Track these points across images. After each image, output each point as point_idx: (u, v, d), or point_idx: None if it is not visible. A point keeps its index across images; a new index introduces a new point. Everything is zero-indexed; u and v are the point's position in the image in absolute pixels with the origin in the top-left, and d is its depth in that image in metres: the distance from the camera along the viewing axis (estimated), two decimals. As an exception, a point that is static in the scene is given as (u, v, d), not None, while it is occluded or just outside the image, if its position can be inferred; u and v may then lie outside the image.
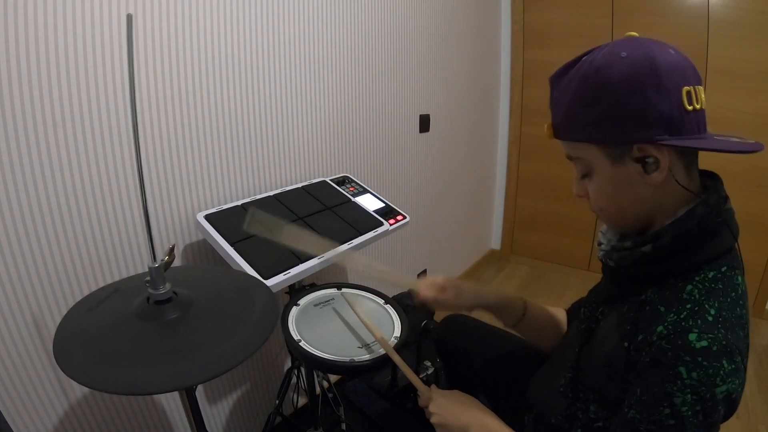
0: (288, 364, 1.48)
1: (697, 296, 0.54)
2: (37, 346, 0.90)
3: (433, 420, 0.74)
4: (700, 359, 0.49)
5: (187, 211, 1.11)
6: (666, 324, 0.53)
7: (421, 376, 1.57)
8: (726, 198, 0.60)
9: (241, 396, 1.36)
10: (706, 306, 0.53)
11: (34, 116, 0.82)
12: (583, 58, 0.58)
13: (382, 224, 1.21)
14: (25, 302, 0.87)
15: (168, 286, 0.68)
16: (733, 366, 0.50)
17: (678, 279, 0.57)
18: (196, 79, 1.07)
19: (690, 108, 0.53)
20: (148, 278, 0.66)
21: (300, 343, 0.86)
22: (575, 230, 2.56)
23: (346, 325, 0.94)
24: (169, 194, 1.07)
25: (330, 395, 1.32)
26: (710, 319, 0.52)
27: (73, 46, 0.85)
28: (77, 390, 0.98)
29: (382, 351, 0.85)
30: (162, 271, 0.67)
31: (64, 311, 0.69)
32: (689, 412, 0.49)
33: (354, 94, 1.54)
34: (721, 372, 0.49)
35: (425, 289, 0.88)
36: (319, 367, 1.09)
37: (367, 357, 0.85)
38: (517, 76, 2.57)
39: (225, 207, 1.09)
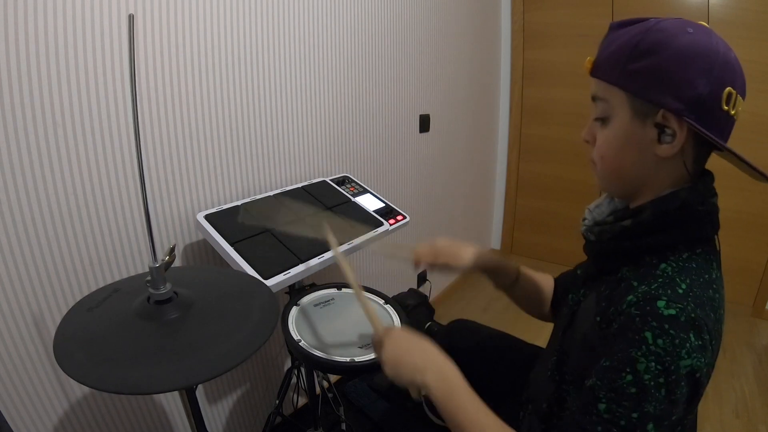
0: (288, 364, 1.49)
1: (670, 272, 0.55)
2: (37, 346, 0.90)
3: (385, 358, 0.67)
4: (666, 326, 0.49)
5: (187, 211, 1.11)
6: (636, 293, 0.53)
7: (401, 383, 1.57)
8: (714, 193, 0.61)
9: (241, 396, 1.36)
10: (678, 280, 0.53)
11: (34, 116, 0.82)
12: (652, 19, 0.58)
13: (382, 224, 1.21)
14: (25, 302, 0.87)
15: (168, 286, 0.68)
16: (699, 342, 0.50)
17: (653, 257, 0.57)
18: (196, 80, 1.07)
19: (725, 108, 0.53)
20: (148, 278, 0.67)
21: (300, 343, 0.86)
22: (575, 230, 2.54)
23: (346, 325, 0.94)
24: (170, 194, 1.07)
25: (330, 395, 1.32)
26: (680, 291, 0.52)
27: (73, 46, 0.85)
28: (77, 390, 0.98)
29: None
30: (162, 271, 0.67)
31: (65, 311, 0.69)
32: (651, 382, 0.49)
33: (354, 94, 1.54)
34: (687, 345, 0.49)
35: (425, 257, 0.88)
36: (319, 367, 1.09)
37: (367, 357, 0.85)
38: (517, 76, 2.57)
39: (225, 207, 1.09)
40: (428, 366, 0.65)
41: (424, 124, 1.96)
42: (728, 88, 0.53)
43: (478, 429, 0.60)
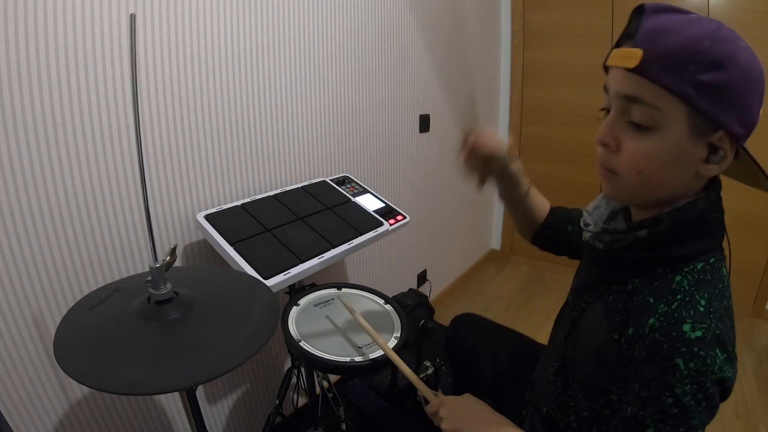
0: (288, 364, 1.49)
1: (687, 287, 0.54)
2: (38, 346, 0.90)
3: (445, 426, 0.72)
4: (696, 349, 0.49)
5: (187, 211, 1.11)
6: (658, 316, 0.53)
7: (420, 376, 1.57)
8: (721, 198, 0.61)
9: (241, 396, 1.36)
10: (697, 296, 0.53)
11: (34, 116, 0.82)
12: (694, 14, 0.52)
13: (382, 224, 1.21)
14: (26, 303, 0.87)
15: (169, 286, 0.68)
16: (725, 355, 0.50)
17: (667, 269, 0.56)
18: (196, 79, 1.07)
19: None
20: (149, 278, 0.66)
21: (300, 343, 0.86)
22: (575, 230, 2.55)
23: (346, 325, 0.94)
24: (170, 194, 1.07)
25: (330, 395, 1.32)
26: (702, 309, 0.52)
27: (73, 46, 0.85)
28: (77, 390, 0.98)
29: (381, 351, 0.85)
30: (163, 271, 0.67)
31: (65, 311, 0.69)
32: (692, 402, 0.50)
33: (354, 94, 1.54)
34: (717, 361, 0.49)
35: (470, 140, 0.88)
36: (319, 367, 1.09)
37: (367, 357, 0.85)
38: (517, 76, 2.57)
39: (225, 207, 1.09)
40: (486, 429, 0.68)
41: (424, 124, 1.96)
42: (762, 108, 0.52)
43: None
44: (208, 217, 1.04)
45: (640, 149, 0.54)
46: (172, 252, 0.68)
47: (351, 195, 1.31)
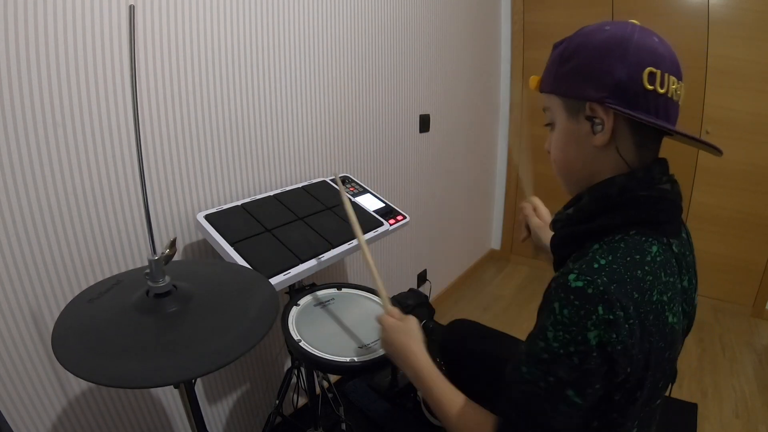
0: (288, 364, 1.48)
1: (597, 249, 0.57)
2: (36, 344, 0.90)
3: (381, 344, 0.82)
4: (572, 297, 0.52)
5: (187, 211, 1.11)
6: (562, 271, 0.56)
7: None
8: (667, 180, 0.61)
9: (241, 396, 1.36)
10: (597, 257, 0.55)
11: (34, 116, 0.82)
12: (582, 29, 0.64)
13: (382, 224, 1.21)
14: (25, 302, 0.87)
15: (167, 279, 0.67)
16: (610, 317, 0.50)
17: (594, 242, 0.59)
18: (196, 79, 1.07)
19: (650, 88, 0.55)
20: (147, 271, 0.66)
21: (300, 343, 0.86)
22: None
23: (346, 325, 0.95)
24: (170, 194, 1.07)
25: (330, 395, 1.32)
26: (596, 266, 0.54)
27: (73, 46, 0.85)
28: (76, 387, 0.98)
29: (381, 351, 0.85)
30: (162, 264, 0.66)
31: (65, 311, 0.69)
32: (561, 350, 0.52)
33: (354, 94, 1.54)
34: (594, 317, 0.51)
35: (529, 206, 0.99)
36: (319, 367, 1.09)
37: (367, 357, 0.85)
38: (517, 76, 2.57)
39: (225, 207, 1.09)
40: (399, 354, 0.76)
41: (424, 124, 1.96)
42: (649, 68, 0.55)
43: (443, 404, 0.68)
44: (208, 217, 1.04)
45: (552, 143, 0.68)
46: (172, 245, 0.68)
47: (351, 195, 1.31)
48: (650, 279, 0.55)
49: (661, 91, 0.56)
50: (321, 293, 1.05)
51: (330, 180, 1.35)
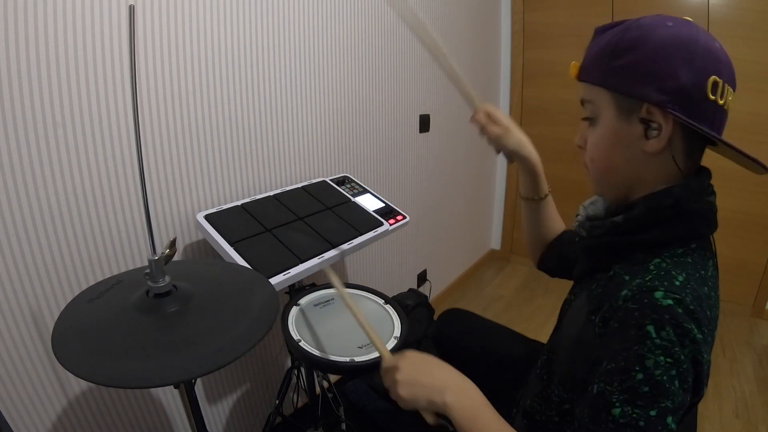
0: (288, 364, 1.48)
1: (665, 266, 0.53)
2: (36, 344, 0.90)
3: (401, 379, 0.63)
4: (667, 317, 0.47)
5: (187, 211, 1.11)
6: (631, 287, 0.51)
7: (419, 406, 1.57)
8: (711, 192, 0.60)
9: (241, 396, 1.36)
10: (674, 272, 0.52)
11: (34, 116, 0.82)
12: (629, 21, 0.58)
13: (382, 224, 1.21)
14: (25, 302, 0.87)
15: (167, 279, 0.67)
16: (700, 336, 0.48)
17: (646, 254, 0.56)
18: (196, 79, 1.07)
19: (712, 98, 0.52)
20: (147, 271, 0.66)
21: (300, 343, 0.86)
22: (575, 230, 2.55)
23: (346, 325, 0.94)
24: (169, 194, 1.07)
25: (330, 395, 1.32)
26: (677, 283, 0.50)
27: (73, 46, 0.85)
28: (76, 387, 0.98)
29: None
30: (162, 264, 0.66)
31: (65, 311, 0.69)
32: (664, 377, 0.47)
33: (354, 94, 1.54)
34: (690, 336, 0.47)
35: (481, 115, 0.87)
36: (319, 367, 1.09)
37: (367, 357, 0.85)
38: (517, 76, 2.57)
39: (225, 207, 1.09)
40: (448, 385, 0.62)
41: (424, 124, 1.96)
42: (713, 77, 0.52)
43: None
44: (208, 217, 1.04)
45: (591, 140, 0.62)
46: (172, 245, 0.68)
47: (351, 195, 1.31)
48: (713, 296, 0.54)
49: (720, 102, 0.53)
50: (321, 293, 1.05)
51: (329, 180, 1.35)
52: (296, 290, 1.12)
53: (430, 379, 0.63)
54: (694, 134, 0.54)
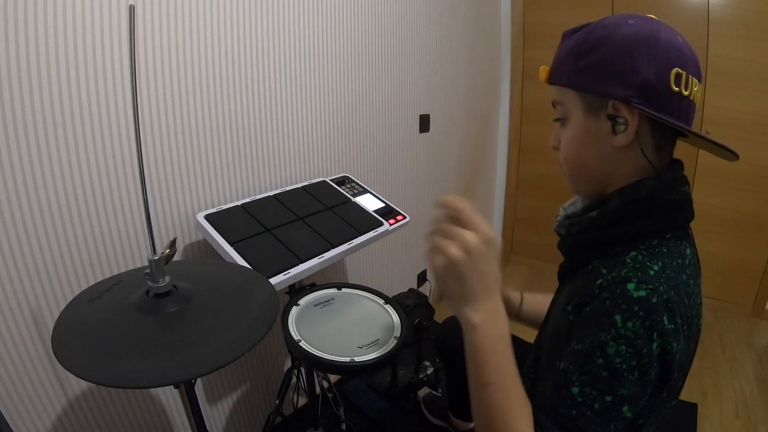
0: (288, 364, 1.48)
1: (640, 258, 0.54)
2: (37, 344, 0.90)
3: (454, 260, 0.52)
4: (636, 308, 0.48)
5: (187, 211, 1.11)
6: (606, 278, 0.53)
7: (420, 376, 1.57)
8: (685, 182, 0.61)
9: (241, 396, 1.36)
10: (648, 263, 0.52)
11: (34, 116, 0.82)
12: (594, 22, 0.60)
13: (382, 224, 1.21)
14: (25, 302, 0.87)
15: (167, 279, 0.67)
16: (672, 326, 0.49)
17: (624, 248, 0.57)
18: (196, 79, 1.07)
19: (676, 89, 0.54)
20: (147, 271, 0.66)
21: (300, 343, 0.86)
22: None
23: (346, 325, 0.94)
24: (170, 194, 1.07)
25: (330, 395, 1.32)
26: (652, 273, 0.51)
27: (73, 46, 0.85)
28: (76, 387, 0.98)
29: (381, 351, 0.85)
30: (162, 264, 0.66)
31: (64, 311, 0.69)
32: (623, 366, 0.48)
33: (354, 94, 1.54)
34: (659, 327, 0.48)
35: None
36: (319, 367, 1.09)
37: (367, 357, 0.85)
38: (517, 76, 2.57)
39: (225, 207, 1.09)
40: (485, 304, 0.54)
41: (424, 124, 1.96)
42: (675, 69, 0.53)
43: (505, 398, 0.52)
44: (208, 217, 1.04)
45: (563, 140, 0.64)
46: (172, 245, 0.68)
47: (351, 195, 1.31)
48: (691, 283, 0.55)
49: (685, 93, 0.54)
50: (321, 293, 1.05)
51: (329, 180, 1.35)
52: (296, 290, 1.12)
53: (470, 282, 0.53)
54: (663, 127, 0.56)
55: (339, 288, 1.07)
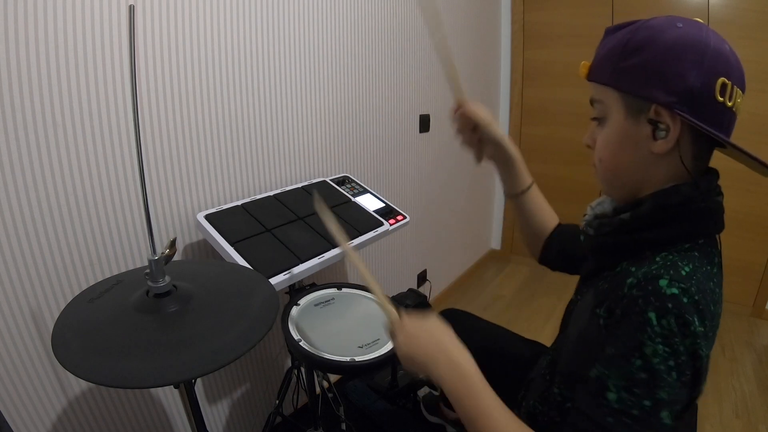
0: (288, 364, 1.48)
1: (671, 258, 0.53)
2: (37, 344, 0.90)
3: (399, 355, 0.65)
4: (670, 306, 0.47)
5: (187, 211, 1.11)
6: (636, 275, 0.52)
7: (420, 376, 1.57)
8: (719, 192, 0.60)
9: (241, 396, 1.36)
10: (680, 263, 0.51)
11: (34, 116, 0.82)
12: (640, 21, 0.58)
13: (382, 224, 1.21)
14: (25, 302, 0.87)
15: (167, 279, 0.67)
16: (701, 328, 0.48)
17: (654, 252, 0.56)
18: (196, 79, 1.07)
19: (720, 100, 0.52)
20: (147, 271, 0.66)
21: (300, 343, 0.86)
22: (575, 230, 2.55)
23: (346, 325, 0.94)
24: (170, 194, 1.07)
25: (330, 395, 1.32)
26: (683, 273, 0.50)
27: (73, 46, 0.85)
28: (76, 387, 0.98)
29: (381, 351, 0.85)
30: (162, 264, 0.66)
31: (65, 311, 0.69)
32: (662, 366, 0.47)
33: (354, 94, 1.54)
34: (691, 327, 0.47)
35: (473, 105, 0.85)
36: (319, 367, 1.09)
37: (367, 357, 0.85)
38: (517, 76, 2.57)
39: (225, 207, 1.09)
40: (439, 357, 0.61)
41: (424, 124, 1.96)
42: (722, 79, 0.52)
43: (490, 422, 0.56)
44: (208, 217, 1.04)
45: (599, 140, 0.62)
46: (172, 244, 0.68)
47: (351, 195, 1.31)
48: (717, 292, 0.54)
49: (729, 104, 0.53)
50: (321, 293, 1.05)
51: (329, 180, 1.35)
52: (296, 290, 1.12)
53: (423, 351, 0.63)
54: (703, 136, 0.54)
55: (339, 288, 1.07)
